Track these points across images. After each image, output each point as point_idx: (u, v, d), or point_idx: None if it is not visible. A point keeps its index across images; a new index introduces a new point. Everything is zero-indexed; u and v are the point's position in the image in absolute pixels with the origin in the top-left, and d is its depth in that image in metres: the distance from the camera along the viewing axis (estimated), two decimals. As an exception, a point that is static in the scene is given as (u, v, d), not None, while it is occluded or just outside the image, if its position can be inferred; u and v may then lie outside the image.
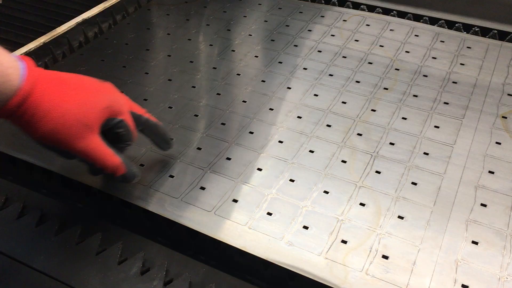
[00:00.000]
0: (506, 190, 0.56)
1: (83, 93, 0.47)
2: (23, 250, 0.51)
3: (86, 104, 0.46)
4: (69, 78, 0.47)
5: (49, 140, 0.45)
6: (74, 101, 0.46)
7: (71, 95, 0.46)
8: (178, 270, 0.50)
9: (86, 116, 0.46)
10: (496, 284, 0.47)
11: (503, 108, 0.68)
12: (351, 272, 0.48)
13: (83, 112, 0.46)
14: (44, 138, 0.45)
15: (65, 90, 0.45)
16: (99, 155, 0.48)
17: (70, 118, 0.45)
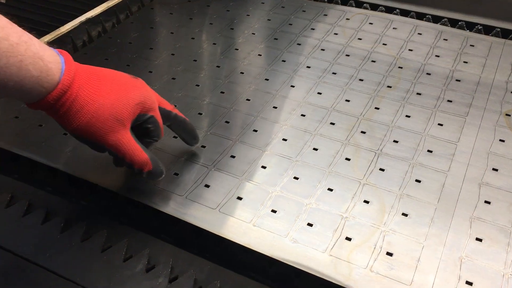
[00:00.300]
0: (510, 187, 0.56)
1: (118, 89, 0.48)
2: (28, 248, 0.51)
3: (120, 99, 0.47)
4: (104, 73, 0.48)
5: (83, 133, 0.47)
6: (109, 96, 0.46)
7: (106, 90, 0.47)
8: (183, 268, 0.50)
9: (119, 111, 0.47)
10: (500, 280, 0.47)
11: (507, 105, 0.68)
12: (356, 269, 0.48)
13: (116, 107, 0.47)
14: (78, 130, 0.46)
15: (101, 85, 0.46)
16: (129, 150, 0.49)
17: (104, 112, 0.46)
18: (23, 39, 0.39)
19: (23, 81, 0.40)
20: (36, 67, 0.40)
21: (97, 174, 0.58)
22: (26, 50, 0.39)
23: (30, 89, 0.41)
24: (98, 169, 0.58)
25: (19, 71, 0.39)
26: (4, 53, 0.37)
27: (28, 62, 0.39)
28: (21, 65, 0.39)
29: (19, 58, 0.38)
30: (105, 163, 0.59)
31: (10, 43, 0.37)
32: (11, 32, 0.38)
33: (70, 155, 0.60)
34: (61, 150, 0.61)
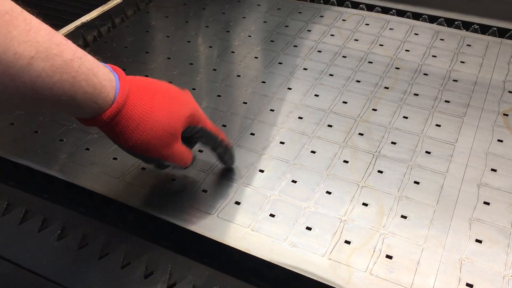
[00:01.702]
0: (509, 188, 0.56)
1: (170, 103, 0.48)
2: (25, 256, 0.51)
3: (173, 114, 0.47)
4: (155, 87, 0.48)
5: (139, 150, 0.47)
6: (162, 111, 0.47)
7: (159, 106, 0.47)
8: (182, 273, 0.50)
9: (173, 126, 0.47)
10: (500, 282, 0.46)
11: (504, 105, 0.68)
12: (355, 272, 0.47)
13: (170, 122, 0.47)
14: (135, 147, 0.46)
15: (154, 101, 0.46)
16: (181, 158, 0.51)
17: (159, 128, 0.46)
18: (77, 55, 0.39)
19: (76, 97, 0.40)
20: (89, 84, 0.40)
21: (93, 181, 0.57)
22: (80, 66, 0.39)
23: (83, 105, 0.41)
24: (94, 176, 0.58)
25: (72, 87, 0.39)
26: (58, 69, 0.37)
27: (81, 79, 0.39)
28: (74, 81, 0.38)
29: (72, 74, 0.38)
30: (101, 170, 0.59)
31: (64, 60, 0.37)
32: (66, 49, 0.38)
33: (66, 161, 0.60)
34: (57, 157, 0.61)
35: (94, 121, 0.44)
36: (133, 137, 0.45)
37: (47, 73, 0.36)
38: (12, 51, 0.33)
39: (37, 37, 0.35)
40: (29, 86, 0.36)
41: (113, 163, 0.60)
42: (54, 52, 0.36)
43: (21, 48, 0.34)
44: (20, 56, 0.34)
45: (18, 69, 0.34)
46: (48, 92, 0.37)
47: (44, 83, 0.36)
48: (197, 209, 0.54)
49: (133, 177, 0.58)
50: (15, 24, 0.33)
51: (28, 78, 0.35)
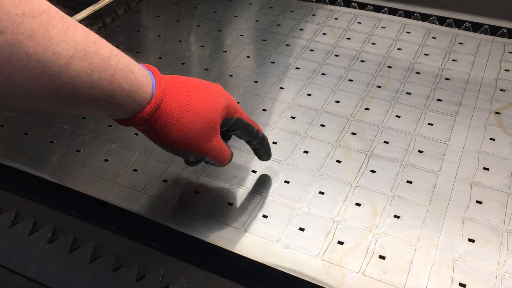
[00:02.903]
0: (501, 187, 0.56)
1: (205, 96, 0.47)
2: (16, 259, 0.50)
3: (210, 106, 0.46)
4: (188, 81, 0.47)
5: (180, 146, 0.46)
6: (199, 104, 0.46)
7: (196, 99, 0.46)
8: (174, 276, 0.49)
9: (211, 118, 0.46)
10: (493, 281, 0.46)
11: (496, 103, 0.68)
12: (348, 273, 0.47)
13: (208, 115, 0.46)
14: (176, 144, 0.45)
15: (190, 94, 0.45)
16: (221, 154, 0.49)
17: (198, 122, 0.45)
18: (114, 53, 0.38)
19: (115, 95, 0.39)
20: (127, 81, 0.39)
21: (84, 183, 0.57)
22: (117, 63, 0.38)
23: (122, 103, 0.40)
24: (85, 178, 0.58)
25: (111, 85, 0.38)
26: (96, 67, 0.36)
27: (119, 76, 0.38)
28: (112, 79, 0.38)
29: (110, 72, 0.37)
30: (93, 172, 0.58)
31: (102, 58, 0.36)
32: (102, 47, 0.37)
33: (57, 164, 0.59)
34: (47, 159, 0.60)
35: (133, 120, 0.43)
36: (173, 133, 0.44)
37: (86, 72, 0.35)
38: (51, 50, 0.32)
39: (74, 36, 0.34)
40: (68, 86, 0.35)
41: (104, 165, 0.59)
42: (92, 50, 0.35)
43: (59, 47, 0.33)
44: (59, 55, 0.33)
45: (57, 69, 0.33)
46: (87, 92, 0.36)
47: (83, 82, 0.35)
48: (189, 211, 0.53)
49: (124, 179, 0.57)
50: (53, 23, 0.32)
51: (67, 77, 0.34)
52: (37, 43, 0.31)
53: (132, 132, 0.64)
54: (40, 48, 0.31)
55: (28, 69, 0.31)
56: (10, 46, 0.30)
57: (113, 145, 0.62)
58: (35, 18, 0.31)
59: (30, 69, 0.31)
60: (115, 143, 0.62)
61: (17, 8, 0.30)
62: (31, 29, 0.31)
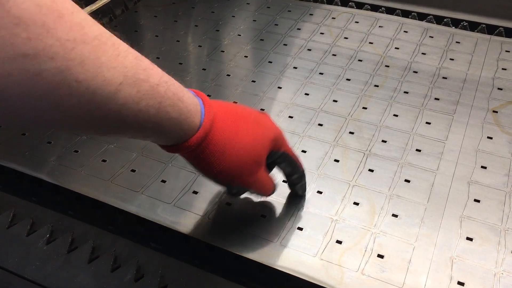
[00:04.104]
0: (499, 185, 0.56)
1: (253, 128, 0.46)
2: (14, 260, 0.50)
3: (257, 139, 0.46)
4: (237, 111, 0.46)
5: (224, 177, 0.45)
6: (247, 137, 0.45)
7: (244, 131, 0.45)
8: (173, 276, 0.49)
9: (257, 152, 0.46)
10: (492, 280, 0.47)
11: (494, 102, 0.68)
12: (347, 272, 0.47)
13: (255, 149, 0.45)
14: (220, 175, 0.45)
15: (238, 126, 0.44)
16: (265, 187, 0.49)
17: (244, 155, 0.44)
18: (163, 80, 0.37)
19: (162, 123, 0.38)
20: (175, 109, 0.38)
21: (82, 183, 0.57)
22: (166, 91, 0.37)
23: (168, 131, 0.39)
24: (83, 179, 0.57)
25: (158, 113, 0.37)
26: (144, 95, 0.35)
27: (167, 104, 0.37)
28: (160, 107, 0.37)
29: (158, 99, 0.36)
30: (90, 172, 0.58)
31: (151, 85, 0.35)
32: (152, 74, 0.36)
33: (54, 164, 0.59)
34: (45, 159, 0.60)
35: (178, 148, 0.42)
36: (218, 164, 0.43)
37: (133, 99, 0.34)
38: (101, 77, 0.31)
39: (124, 62, 0.33)
40: (115, 113, 0.34)
41: (102, 165, 0.59)
42: (141, 77, 0.34)
43: (109, 74, 0.32)
44: (109, 82, 0.32)
45: (106, 96, 0.32)
46: (133, 119, 0.35)
47: (130, 110, 0.34)
48: (187, 211, 0.53)
49: (122, 179, 0.57)
50: (104, 49, 0.31)
51: (115, 105, 0.33)
52: (87, 69, 0.30)
53: (130, 132, 0.64)
54: (90, 75, 0.30)
55: (76, 96, 0.30)
56: (60, 72, 0.29)
57: (111, 146, 0.62)
58: (87, 44, 0.30)
59: (79, 96, 0.30)
60: (113, 143, 0.62)
61: (68, 34, 0.29)
62: (82, 55, 0.30)
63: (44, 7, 0.27)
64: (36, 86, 0.28)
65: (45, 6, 0.27)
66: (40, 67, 0.28)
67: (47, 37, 0.27)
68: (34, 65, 0.27)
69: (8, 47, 0.26)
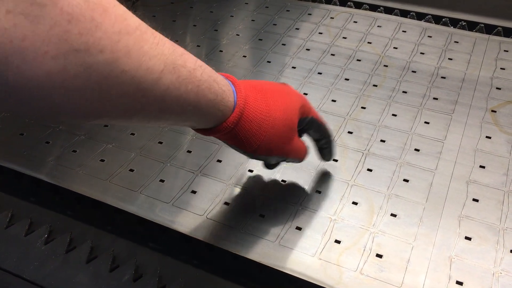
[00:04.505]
0: (498, 184, 0.56)
1: (282, 99, 0.47)
2: (12, 260, 0.50)
3: (288, 108, 0.47)
4: (263, 85, 0.47)
5: (262, 151, 0.47)
6: (278, 108, 0.46)
7: (274, 102, 0.46)
8: (171, 276, 0.49)
9: (290, 119, 0.47)
10: (490, 279, 0.47)
11: (492, 102, 0.68)
12: (346, 272, 0.47)
13: (287, 117, 0.47)
14: (259, 150, 0.46)
15: (268, 99, 0.46)
16: (300, 152, 0.51)
17: (279, 125, 0.46)
18: (198, 64, 0.39)
19: (200, 106, 0.39)
20: (212, 91, 0.40)
21: (80, 183, 0.57)
22: (202, 74, 0.39)
23: (207, 113, 0.41)
24: (81, 178, 0.57)
25: (197, 96, 0.38)
26: (184, 80, 0.36)
27: (204, 87, 0.39)
28: (198, 90, 0.38)
29: (196, 83, 0.38)
30: (89, 172, 0.58)
31: (188, 70, 0.37)
32: (188, 58, 0.37)
33: (53, 164, 0.59)
34: (43, 159, 0.60)
35: (217, 130, 0.43)
36: (257, 140, 0.45)
37: (175, 85, 0.36)
38: (144, 66, 0.32)
39: (164, 49, 0.34)
40: (158, 100, 0.35)
41: (100, 165, 0.59)
42: (179, 63, 0.36)
43: (152, 62, 0.33)
44: (151, 70, 0.33)
45: (150, 83, 0.33)
46: (175, 104, 0.37)
47: (172, 96, 0.36)
48: (186, 211, 0.53)
49: (120, 179, 0.57)
50: (146, 38, 0.33)
51: (158, 92, 0.34)
52: (132, 59, 0.31)
53: (128, 132, 0.64)
54: (134, 65, 0.32)
55: (124, 86, 0.32)
56: (109, 64, 0.30)
57: (109, 145, 0.62)
58: (130, 35, 0.31)
59: (126, 85, 0.32)
60: (111, 143, 0.62)
61: (114, 26, 0.30)
62: (127, 46, 0.31)
63: (91, 3, 0.29)
64: (88, 79, 0.29)
65: (91, 1, 0.29)
66: (91, 60, 0.29)
67: (96, 31, 0.29)
68: (86, 59, 0.28)
69: (63, 43, 0.27)
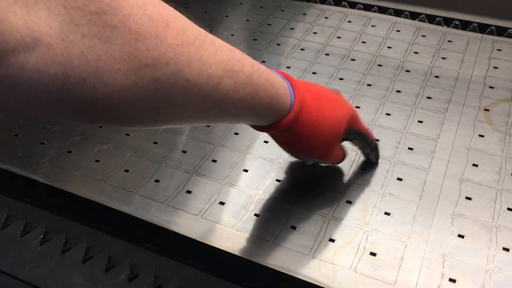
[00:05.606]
0: (490, 183, 0.56)
1: (335, 108, 0.48)
2: (7, 261, 0.50)
3: (338, 120, 0.48)
4: (319, 91, 0.48)
5: (306, 154, 0.49)
6: (329, 118, 0.47)
7: (327, 111, 0.47)
8: (167, 276, 0.49)
9: (338, 131, 0.49)
10: (483, 276, 0.47)
11: (485, 100, 0.68)
12: (340, 270, 0.48)
13: (336, 128, 0.48)
14: (304, 152, 0.49)
15: (322, 107, 0.47)
16: (337, 158, 0.54)
17: (328, 134, 0.48)
18: (255, 68, 0.39)
19: (256, 108, 0.41)
20: (268, 94, 0.41)
21: (76, 184, 0.57)
22: (259, 78, 0.40)
23: (262, 115, 0.42)
24: (77, 179, 0.57)
25: (253, 99, 0.39)
26: (241, 85, 0.38)
27: (261, 90, 0.40)
28: (254, 94, 0.39)
29: (253, 87, 0.39)
30: (84, 172, 0.58)
31: (245, 74, 0.38)
32: (246, 63, 0.38)
33: (48, 165, 0.59)
34: (39, 160, 0.60)
35: (270, 128, 0.45)
36: (305, 143, 0.47)
37: (232, 90, 0.37)
38: (205, 74, 0.34)
39: (222, 56, 0.36)
40: (218, 104, 0.37)
41: (95, 165, 0.59)
42: (237, 68, 0.37)
43: (211, 69, 0.34)
44: (211, 77, 0.35)
45: (210, 89, 0.35)
46: (233, 107, 0.38)
47: (230, 100, 0.37)
48: (181, 211, 0.53)
49: (116, 179, 0.57)
50: (205, 47, 0.34)
51: (217, 97, 0.36)
52: (194, 69, 0.33)
53: (123, 132, 0.64)
54: (196, 73, 0.33)
55: (187, 93, 0.33)
56: (174, 75, 0.32)
57: (104, 146, 0.62)
58: (191, 46, 0.33)
59: (189, 93, 0.34)
60: (106, 143, 0.62)
61: (176, 39, 0.31)
62: (189, 57, 0.32)
63: (155, 20, 0.30)
64: (156, 90, 0.31)
65: (155, 18, 0.30)
66: (158, 73, 0.31)
67: (161, 46, 0.30)
68: (153, 73, 0.30)
69: (132, 60, 0.29)
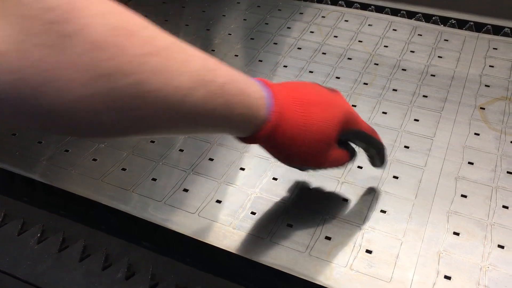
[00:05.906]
0: (486, 180, 0.57)
1: (323, 111, 0.46)
2: (5, 260, 0.50)
3: (327, 122, 0.46)
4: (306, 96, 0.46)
5: (296, 162, 0.48)
6: (316, 122, 0.45)
7: (313, 115, 0.45)
8: (164, 274, 0.50)
9: (327, 135, 0.46)
10: (478, 273, 0.47)
11: (481, 99, 0.69)
12: (336, 268, 0.48)
13: (324, 132, 0.46)
14: (292, 161, 0.48)
15: (307, 111, 0.45)
16: (338, 162, 0.50)
17: (313, 141, 0.46)
18: (229, 78, 0.38)
19: (231, 119, 0.40)
20: (243, 105, 0.40)
21: (73, 183, 0.57)
22: (233, 88, 0.38)
23: (238, 126, 0.41)
24: (74, 178, 0.58)
25: (227, 110, 0.38)
26: (213, 95, 0.36)
27: (235, 101, 0.39)
28: (228, 104, 0.38)
29: (226, 98, 0.38)
30: (81, 171, 0.58)
31: (218, 84, 0.37)
32: (219, 73, 0.37)
33: (45, 164, 0.59)
34: (36, 159, 0.60)
35: (250, 140, 0.44)
36: (290, 152, 0.45)
37: (204, 100, 0.36)
38: (171, 85, 0.33)
39: (193, 66, 0.35)
40: (188, 115, 0.36)
41: (93, 164, 0.59)
42: (209, 78, 0.36)
43: (179, 81, 0.33)
44: (179, 88, 0.33)
45: (178, 101, 0.34)
46: (205, 118, 0.37)
47: (201, 111, 0.36)
48: (178, 209, 0.54)
49: (113, 178, 0.58)
50: (174, 57, 0.33)
51: (187, 108, 0.35)
52: (159, 80, 0.32)
53: (120, 131, 0.64)
54: (161, 84, 0.32)
55: (152, 105, 0.32)
56: (134, 86, 0.31)
57: (101, 145, 0.62)
58: (157, 56, 0.32)
59: (154, 104, 0.32)
60: (103, 142, 0.63)
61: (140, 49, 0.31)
62: (153, 67, 0.31)
63: (115, 29, 0.30)
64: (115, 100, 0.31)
65: (118, 28, 0.30)
66: (116, 84, 0.30)
67: (121, 56, 0.30)
68: (111, 83, 0.30)
69: (90, 70, 0.29)
